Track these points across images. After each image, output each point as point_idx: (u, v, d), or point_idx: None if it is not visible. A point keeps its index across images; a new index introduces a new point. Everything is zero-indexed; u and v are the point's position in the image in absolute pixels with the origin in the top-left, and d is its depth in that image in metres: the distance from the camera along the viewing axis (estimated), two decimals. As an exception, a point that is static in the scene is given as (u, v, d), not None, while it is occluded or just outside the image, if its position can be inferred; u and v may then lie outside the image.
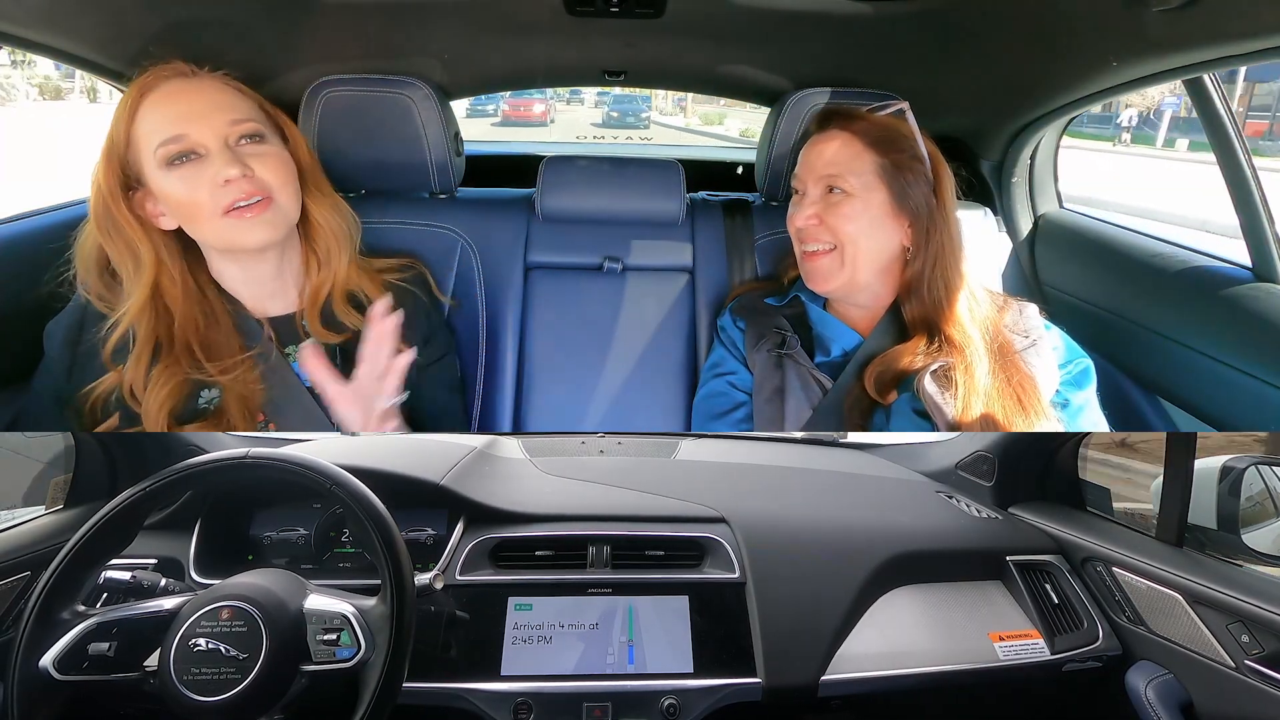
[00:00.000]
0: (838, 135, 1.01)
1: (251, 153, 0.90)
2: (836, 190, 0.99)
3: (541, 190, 1.29)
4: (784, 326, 1.07)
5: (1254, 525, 1.09)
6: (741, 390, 1.07)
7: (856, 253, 0.98)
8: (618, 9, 1.09)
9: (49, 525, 0.98)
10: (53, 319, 0.95)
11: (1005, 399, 0.90)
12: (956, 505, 1.23)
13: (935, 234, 0.98)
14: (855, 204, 0.98)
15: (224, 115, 0.89)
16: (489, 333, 1.25)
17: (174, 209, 0.90)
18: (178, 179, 0.87)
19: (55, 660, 0.68)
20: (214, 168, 0.87)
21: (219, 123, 0.89)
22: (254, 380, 0.93)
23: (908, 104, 1.05)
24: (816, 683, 0.90)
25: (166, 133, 0.87)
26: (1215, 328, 1.16)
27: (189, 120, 0.87)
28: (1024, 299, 1.06)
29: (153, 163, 0.87)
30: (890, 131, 1.00)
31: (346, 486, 0.75)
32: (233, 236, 0.90)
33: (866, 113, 1.03)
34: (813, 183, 1.01)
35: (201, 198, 0.87)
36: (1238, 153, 1.12)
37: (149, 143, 0.87)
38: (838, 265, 0.99)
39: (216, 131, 0.88)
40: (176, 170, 0.87)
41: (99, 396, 0.91)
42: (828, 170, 1.00)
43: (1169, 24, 0.89)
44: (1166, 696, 0.94)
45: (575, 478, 1.20)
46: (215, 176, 0.87)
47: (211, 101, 0.90)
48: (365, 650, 0.71)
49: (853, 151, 0.99)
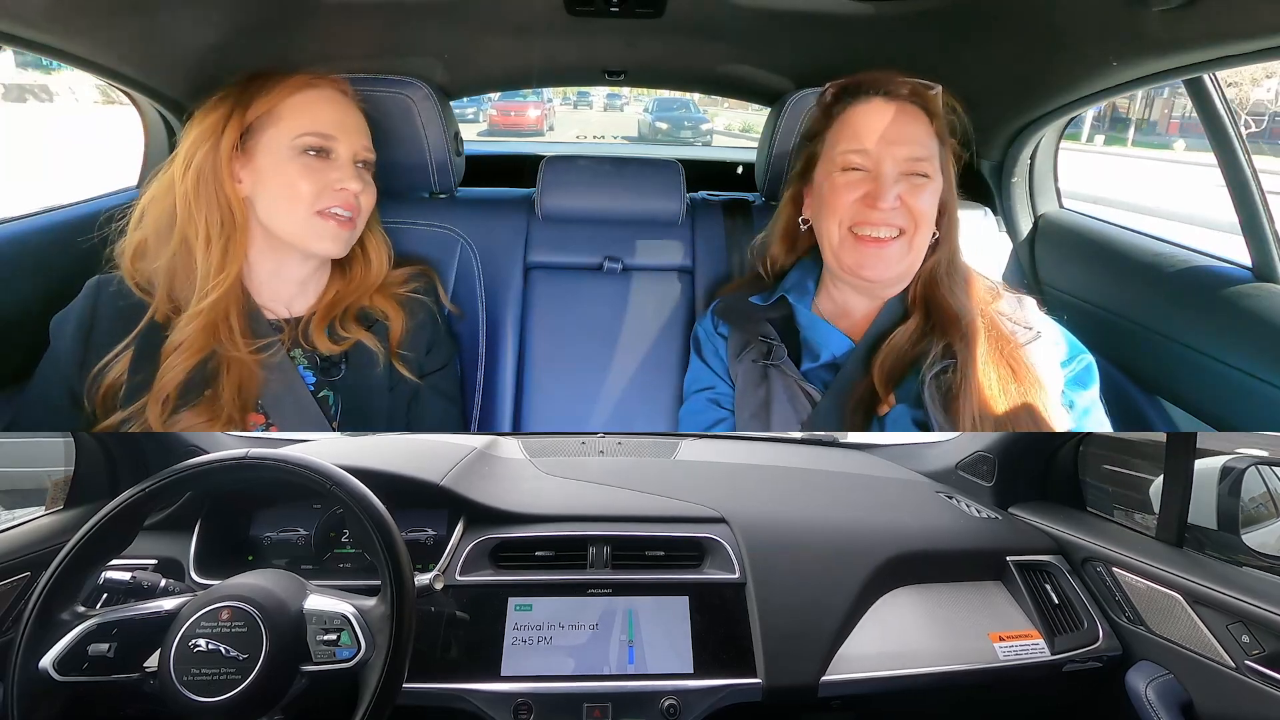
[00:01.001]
0: (912, 111, 0.93)
1: (364, 179, 1.00)
2: (917, 175, 0.91)
3: (541, 190, 1.29)
4: (769, 334, 1.01)
5: (1254, 525, 1.09)
6: (724, 405, 1.03)
7: (922, 240, 0.93)
8: (618, 9, 1.09)
9: (49, 525, 0.98)
10: (60, 311, 0.95)
11: (1000, 373, 0.88)
12: (956, 505, 1.23)
13: (952, 219, 0.97)
14: (933, 189, 0.92)
15: (364, 139, 1.01)
16: (489, 333, 1.25)
17: (274, 186, 0.94)
18: (302, 165, 0.94)
19: (55, 661, 0.68)
20: (339, 173, 0.96)
21: (359, 144, 1.00)
22: (256, 373, 0.94)
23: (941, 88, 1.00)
24: (816, 683, 0.90)
25: (318, 128, 0.95)
26: (1215, 328, 1.16)
27: (342, 130, 0.97)
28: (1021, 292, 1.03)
29: (284, 141, 0.94)
30: (949, 113, 0.96)
31: (346, 486, 0.75)
32: (310, 235, 0.96)
33: (925, 89, 0.95)
34: (891, 161, 0.91)
35: (311, 191, 0.94)
36: (1238, 153, 1.12)
37: (293, 125, 0.94)
38: (905, 251, 0.92)
39: (353, 149, 0.98)
40: (305, 159, 0.94)
41: (110, 384, 0.92)
42: (910, 150, 0.91)
43: (1169, 24, 0.89)
44: (1166, 697, 0.94)
45: (575, 478, 1.20)
46: (336, 180, 0.95)
47: (358, 123, 1.01)
48: (365, 650, 0.71)
49: (928, 131, 0.93)
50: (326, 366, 0.99)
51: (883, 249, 0.92)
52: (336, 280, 1.04)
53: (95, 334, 0.93)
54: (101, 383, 0.92)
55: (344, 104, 1.00)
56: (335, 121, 0.97)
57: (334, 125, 0.97)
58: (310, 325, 1.00)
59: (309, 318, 1.01)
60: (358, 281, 1.05)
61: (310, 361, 0.99)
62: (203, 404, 0.91)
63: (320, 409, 0.97)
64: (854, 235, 0.93)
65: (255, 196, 0.95)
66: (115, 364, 0.92)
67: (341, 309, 1.02)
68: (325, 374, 0.99)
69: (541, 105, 11.40)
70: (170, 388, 0.90)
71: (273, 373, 0.95)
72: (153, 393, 0.90)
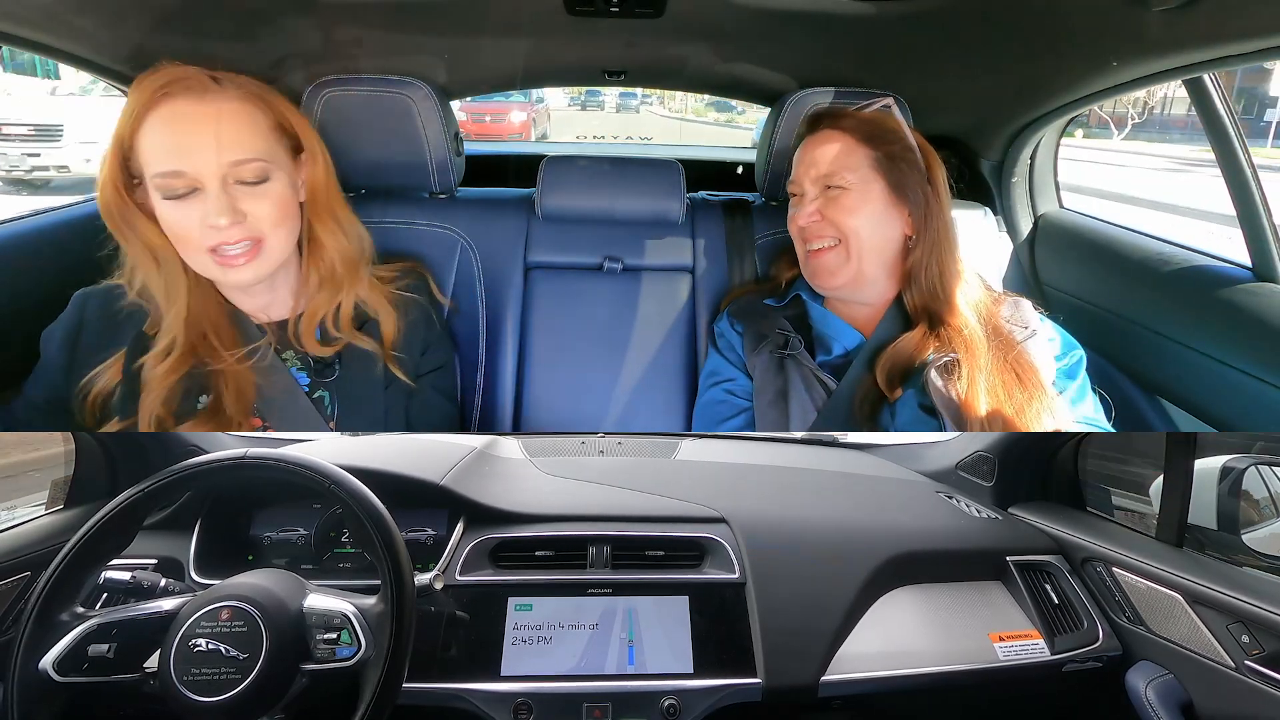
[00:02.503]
0: (829, 135, 1.03)
1: (248, 193, 0.87)
2: (834, 187, 1.01)
3: (541, 190, 1.29)
4: (785, 327, 1.07)
5: (1254, 525, 1.09)
6: (741, 397, 1.07)
7: (861, 244, 1.00)
8: (618, 9, 1.09)
9: (49, 525, 0.98)
10: (50, 324, 0.95)
11: (1005, 379, 0.92)
12: (957, 505, 1.23)
13: (932, 221, 1.00)
14: (854, 196, 1.00)
15: (227, 154, 0.85)
16: (489, 332, 1.25)
17: (165, 229, 0.89)
18: (170, 208, 0.85)
19: (55, 662, 0.68)
20: (205, 207, 0.84)
21: (220, 161, 0.84)
22: (249, 379, 0.93)
23: (894, 99, 1.08)
24: (816, 683, 0.90)
25: (166, 165, 0.84)
26: (1215, 328, 1.16)
27: (189, 154, 0.83)
28: (1021, 295, 1.06)
29: (149, 180, 0.86)
30: (879, 126, 1.03)
31: (345, 485, 0.75)
32: (216, 275, 0.90)
33: (854, 111, 1.06)
34: (810, 182, 1.03)
35: (190, 234, 0.86)
36: (1238, 153, 1.12)
37: (149, 162, 0.85)
38: (844, 259, 1.01)
39: (215, 171, 0.84)
40: (170, 201, 0.85)
41: (98, 393, 0.91)
42: (823, 169, 1.02)
43: (1169, 24, 0.89)
44: (1166, 697, 0.94)
45: (575, 478, 1.20)
46: (204, 218, 0.85)
47: (217, 135, 0.84)
48: (365, 649, 0.71)
49: (845, 148, 1.02)
50: (320, 367, 0.99)
51: (821, 258, 1.02)
52: (311, 274, 0.99)
53: (82, 346, 0.93)
54: (89, 393, 0.91)
55: (198, 112, 0.84)
56: (183, 147, 0.83)
57: (182, 153, 0.83)
58: (299, 327, 0.98)
59: (295, 319, 0.99)
60: (336, 271, 0.99)
61: (303, 363, 0.99)
62: (202, 415, 0.91)
63: (316, 409, 0.97)
64: (806, 250, 1.04)
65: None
66: (103, 375, 0.91)
67: (332, 308, 0.99)
68: (319, 375, 0.99)
69: (529, 107, 8.56)
70: (157, 406, 0.88)
71: (266, 376, 0.95)
72: (142, 412, 0.88)
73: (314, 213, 0.97)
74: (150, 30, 1.04)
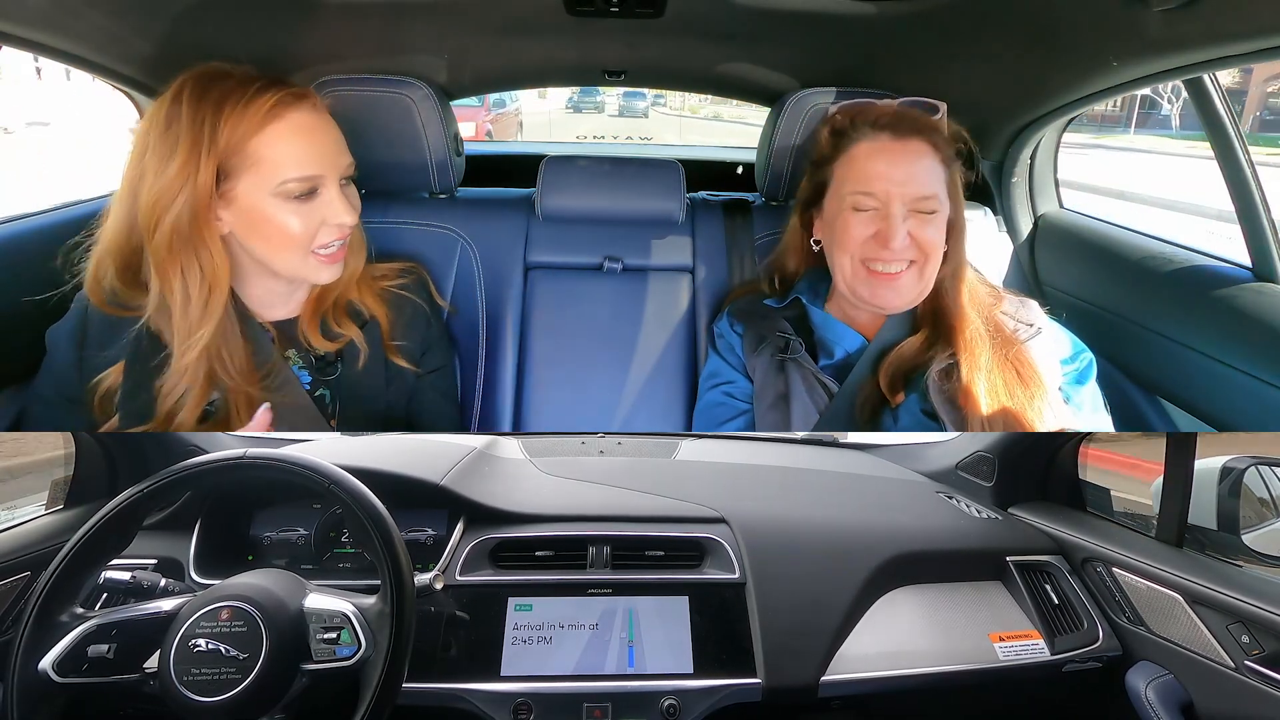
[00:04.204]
0: (918, 148, 0.95)
1: (350, 195, 0.94)
2: (923, 212, 0.94)
3: (541, 190, 1.29)
4: (786, 330, 1.05)
5: (1254, 525, 1.09)
6: (741, 399, 1.06)
7: (933, 267, 0.96)
8: (618, 9, 1.09)
9: (49, 525, 0.98)
10: (55, 324, 0.95)
11: (1006, 377, 0.91)
12: (957, 506, 1.23)
13: (958, 234, 0.99)
14: (940, 220, 0.95)
15: (345, 155, 0.93)
16: (489, 333, 1.25)
17: (262, 230, 0.88)
18: (291, 212, 0.87)
19: (55, 663, 0.68)
20: (330, 208, 0.89)
21: (342, 165, 0.92)
22: (258, 384, 0.93)
23: (945, 106, 1.04)
24: (816, 683, 0.90)
25: (302, 170, 0.87)
26: (1215, 328, 1.16)
27: (325, 161, 0.89)
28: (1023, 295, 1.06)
29: (266, 187, 0.85)
30: (952, 140, 0.98)
31: (343, 484, 0.75)
32: (307, 271, 0.92)
33: (934, 121, 0.99)
34: (898, 199, 0.93)
35: (305, 233, 0.88)
36: (1238, 153, 1.12)
37: (274, 169, 0.85)
38: (916, 280, 0.95)
39: (339, 173, 0.91)
40: (293, 204, 0.87)
41: (106, 391, 0.92)
42: (918, 191, 0.93)
43: (1169, 24, 0.89)
44: (1166, 697, 0.94)
45: (575, 478, 1.20)
46: (330, 217, 0.89)
47: (336, 141, 0.92)
48: (366, 648, 0.71)
49: (932, 164, 0.95)
50: (322, 365, 0.99)
51: (895, 281, 0.95)
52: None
53: (88, 345, 0.93)
54: (98, 390, 0.92)
55: (320, 124, 0.91)
56: (317, 154, 0.88)
57: (317, 159, 0.88)
58: (304, 324, 0.99)
59: (299, 317, 1.00)
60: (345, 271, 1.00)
61: (305, 361, 0.99)
62: (210, 421, 0.92)
63: (318, 408, 0.97)
64: (866, 269, 0.96)
65: (239, 234, 0.89)
66: (111, 372, 0.92)
67: (330, 302, 1.00)
68: (321, 373, 0.99)
69: (478, 113, 7.04)
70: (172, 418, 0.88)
71: (270, 376, 0.95)
72: (158, 420, 0.89)
73: None
74: (150, 30, 1.04)
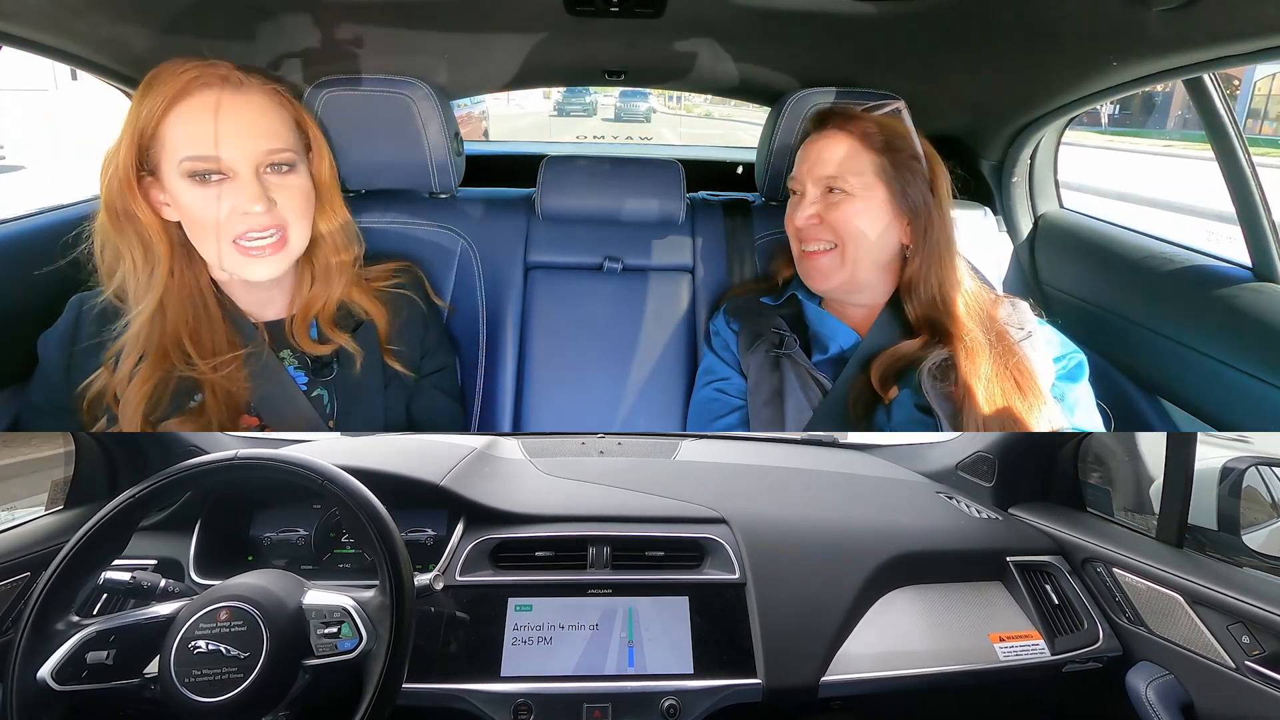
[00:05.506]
0: (836, 135, 1.01)
1: (278, 183, 0.88)
2: (836, 190, 0.99)
3: (542, 190, 1.29)
4: (781, 326, 1.06)
5: (1254, 525, 1.09)
6: (734, 395, 1.06)
7: (857, 251, 0.99)
8: (618, 9, 1.09)
9: (49, 526, 0.98)
10: (46, 330, 0.94)
11: (1005, 386, 0.91)
12: (956, 506, 1.23)
13: (933, 232, 0.99)
14: (856, 203, 0.99)
15: (263, 142, 0.86)
16: (489, 333, 1.25)
17: (183, 216, 0.87)
18: (198, 195, 0.85)
19: (53, 671, 0.67)
20: (239, 196, 0.85)
21: (255, 149, 0.86)
22: (242, 379, 0.92)
23: (904, 103, 1.06)
24: (817, 683, 0.90)
25: (199, 149, 0.83)
26: (1215, 328, 1.16)
27: (225, 140, 0.84)
28: (1020, 297, 1.06)
29: (174, 168, 0.84)
30: (888, 131, 1.01)
31: (338, 482, 0.75)
32: (235, 266, 0.89)
33: (864, 112, 1.04)
34: (812, 183, 1.01)
35: (213, 221, 0.85)
36: (1238, 153, 1.12)
37: (177, 149, 0.84)
38: (838, 264, 1.00)
39: (250, 158, 0.85)
40: (199, 186, 0.84)
41: (94, 395, 0.91)
42: (827, 170, 1.00)
43: (1169, 24, 0.89)
44: (1167, 697, 0.94)
45: (575, 478, 1.20)
46: (238, 205, 0.85)
47: (252, 124, 0.86)
48: (367, 641, 0.71)
49: (851, 151, 1.00)
50: (318, 367, 0.98)
51: (816, 261, 1.02)
52: (306, 272, 0.99)
53: (78, 350, 0.92)
54: (88, 395, 0.90)
55: (232, 103, 0.85)
56: (220, 134, 0.83)
57: (219, 141, 0.83)
58: (294, 328, 0.98)
59: (290, 318, 0.98)
60: (330, 269, 0.99)
61: (300, 362, 0.99)
62: (189, 414, 0.90)
63: (315, 408, 0.97)
64: (801, 249, 1.04)
65: (183, 223, 0.88)
66: (99, 376, 0.91)
67: (319, 307, 0.99)
68: (317, 374, 0.99)
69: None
70: (136, 416, 0.87)
71: (262, 374, 0.94)
72: (121, 418, 0.87)
73: (317, 209, 0.97)
74: (150, 30, 1.04)
